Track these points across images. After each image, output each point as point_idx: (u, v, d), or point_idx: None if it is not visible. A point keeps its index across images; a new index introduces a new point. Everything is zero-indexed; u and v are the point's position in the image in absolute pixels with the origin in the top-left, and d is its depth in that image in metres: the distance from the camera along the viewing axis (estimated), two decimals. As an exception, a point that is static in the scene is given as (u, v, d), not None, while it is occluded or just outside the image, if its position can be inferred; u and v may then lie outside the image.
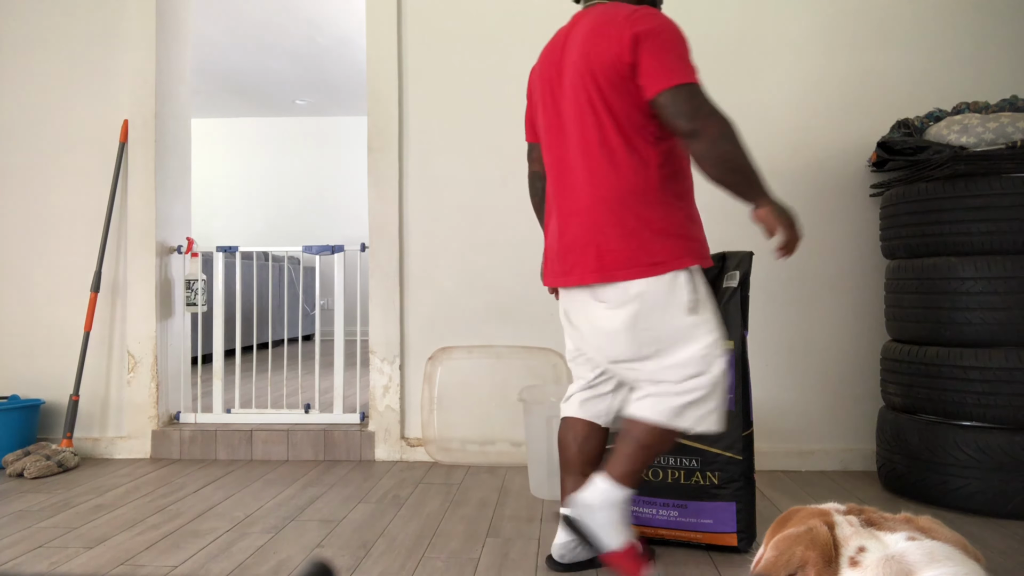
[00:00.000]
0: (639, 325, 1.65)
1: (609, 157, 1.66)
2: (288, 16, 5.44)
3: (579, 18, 1.75)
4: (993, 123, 2.28)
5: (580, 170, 1.70)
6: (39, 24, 3.09)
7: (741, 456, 1.94)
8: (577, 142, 1.70)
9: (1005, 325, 2.21)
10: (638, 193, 1.64)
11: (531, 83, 1.91)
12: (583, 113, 1.68)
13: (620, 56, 1.62)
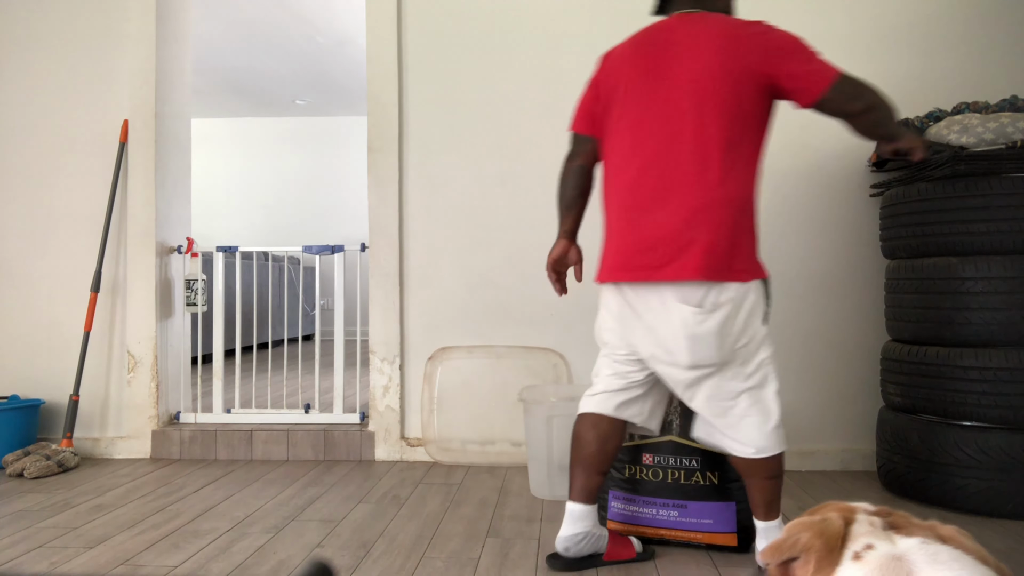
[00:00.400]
0: (726, 330, 1.69)
1: (733, 162, 1.69)
2: (288, 16, 5.44)
3: (678, 27, 1.77)
4: (993, 123, 2.28)
5: (694, 169, 1.69)
6: (39, 24, 3.09)
7: None
8: (699, 144, 1.70)
9: (1005, 325, 2.21)
10: (747, 200, 1.71)
11: (609, 75, 1.85)
12: (711, 117, 1.69)
13: (762, 69, 1.69)
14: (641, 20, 2.90)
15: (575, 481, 1.85)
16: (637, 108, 1.78)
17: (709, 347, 1.69)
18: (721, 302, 1.69)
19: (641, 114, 1.76)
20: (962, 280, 2.26)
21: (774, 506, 1.79)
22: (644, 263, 1.72)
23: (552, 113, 2.93)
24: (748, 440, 1.74)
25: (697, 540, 1.95)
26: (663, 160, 1.73)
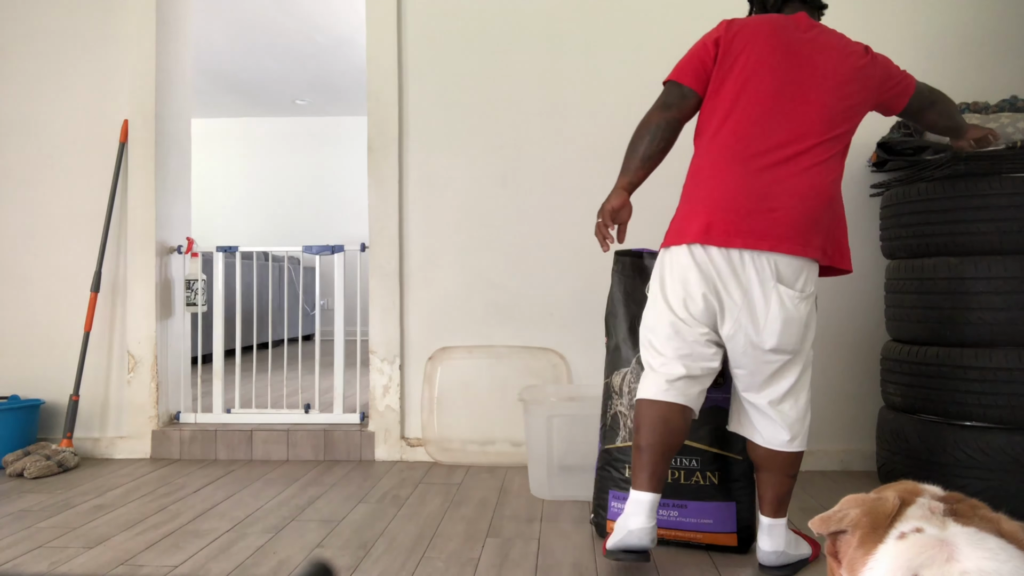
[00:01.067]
0: (812, 316, 1.75)
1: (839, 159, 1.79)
2: (288, 16, 5.44)
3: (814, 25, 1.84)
4: (993, 123, 2.28)
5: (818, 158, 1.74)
6: (39, 24, 3.09)
7: (741, 456, 1.94)
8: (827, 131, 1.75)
9: (1005, 325, 2.21)
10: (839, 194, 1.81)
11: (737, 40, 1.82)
12: (840, 116, 1.76)
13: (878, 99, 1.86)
14: (642, 20, 2.90)
15: (652, 468, 1.73)
16: (772, 82, 1.76)
17: (799, 332, 1.72)
18: (813, 290, 1.75)
19: (777, 90, 1.75)
20: (962, 280, 2.26)
21: (785, 504, 1.81)
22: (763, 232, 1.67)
23: (552, 113, 2.93)
24: (789, 429, 1.76)
25: (697, 540, 1.95)
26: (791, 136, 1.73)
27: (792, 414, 1.77)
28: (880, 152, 2.57)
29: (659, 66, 2.89)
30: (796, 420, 1.77)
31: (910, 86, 1.89)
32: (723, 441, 1.94)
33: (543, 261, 2.93)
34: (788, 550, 1.81)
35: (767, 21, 1.82)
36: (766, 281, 1.68)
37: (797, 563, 1.83)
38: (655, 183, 2.81)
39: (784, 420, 1.76)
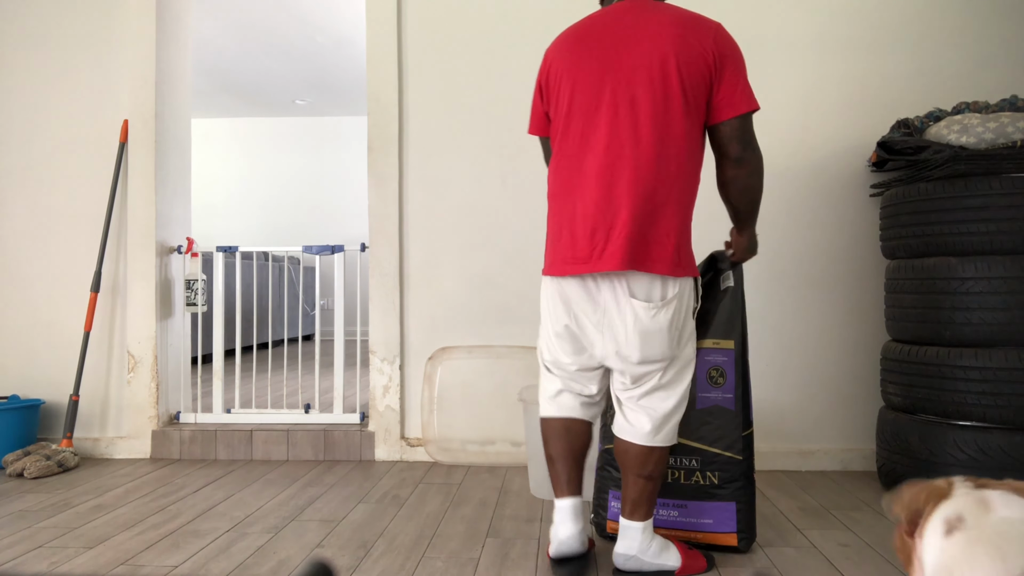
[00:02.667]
0: (674, 325, 1.72)
1: (676, 153, 1.67)
2: (288, 16, 5.44)
3: (627, 11, 1.72)
4: (993, 123, 2.29)
5: (648, 160, 1.66)
6: (39, 24, 3.09)
7: (741, 456, 1.93)
8: (647, 133, 1.66)
9: (1005, 325, 2.21)
10: (690, 192, 1.73)
11: (550, 70, 1.79)
12: (659, 105, 1.66)
13: (709, 71, 1.68)
14: (641, 20, 2.90)
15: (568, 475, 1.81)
16: (585, 97, 1.71)
17: (662, 342, 1.70)
18: (671, 297, 1.70)
19: (591, 105, 1.70)
20: (962, 280, 2.26)
21: (641, 507, 1.75)
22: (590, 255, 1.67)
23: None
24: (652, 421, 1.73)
25: (697, 540, 1.95)
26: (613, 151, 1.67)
27: (660, 408, 1.74)
28: (880, 152, 2.57)
29: (659, 66, 2.89)
30: (662, 415, 1.74)
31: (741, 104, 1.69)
32: (722, 441, 1.94)
33: (543, 261, 2.93)
34: (642, 556, 1.75)
35: (572, 35, 1.77)
36: (620, 298, 1.69)
37: (654, 572, 1.78)
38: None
39: (649, 413, 1.74)
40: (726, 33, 1.72)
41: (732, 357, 1.94)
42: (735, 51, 1.72)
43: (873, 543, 2.01)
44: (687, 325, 1.77)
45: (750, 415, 1.97)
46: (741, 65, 1.72)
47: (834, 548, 1.98)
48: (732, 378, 1.93)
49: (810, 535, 2.08)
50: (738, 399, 1.93)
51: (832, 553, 1.94)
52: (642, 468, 1.75)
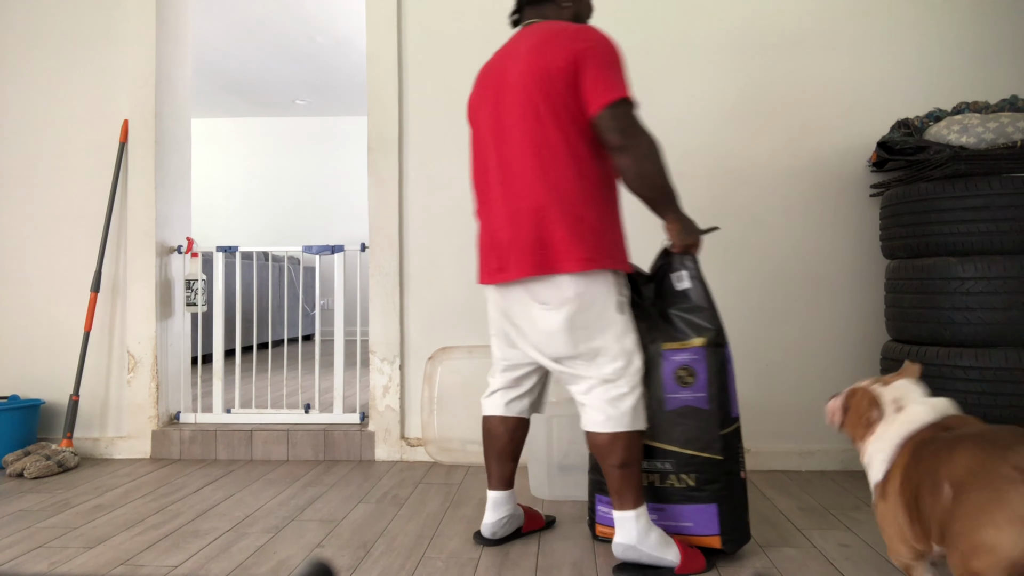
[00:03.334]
0: (576, 323, 1.76)
1: (553, 159, 1.76)
2: (288, 16, 5.44)
3: (519, 37, 1.86)
4: (993, 123, 2.29)
5: (526, 171, 1.78)
6: (39, 24, 3.09)
7: (721, 456, 1.85)
8: (523, 146, 1.78)
9: (1005, 325, 2.21)
10: (579, 194, 1.75)
11: (470, 109, 1.97)
12: (530, 119, 1.77)
13: (567, 69, 1.73)
14: (642, 20, 2.90)
15: (492, 472, 2.03)
16: (487, 124, 1.88)
17: (562, 341, 1.78)
18: (566, 298, 1.75)
19: (489, 129, 1.86)
20: (962, 280, 2.26)
21: (623, 496, 1.79)
22: (496, 266, 1.83)
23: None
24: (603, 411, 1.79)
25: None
26: (502, 168, 1.82)
27: (608, 395, 1.79)
28: (880, 152, 2.57)
29: (658, 66, 2.89)
30: (610, 400, 1.78)
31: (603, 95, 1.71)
32: (697, 442, 1.85)
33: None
34: (640, 546, 1.77)
35: (480, 75, 1.95)
36: (525, 302, 1.82)
37: (652, 565, 1.79)
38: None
39: (598, 404, 1.80)
40: (587, 34, 1.75)
41: (703, 355, 1.86)
42: (594, 47, 1.73)
43: (873, 543, 2.01)
44: (604, 319, 1.77)
45: (731, 412, 1.88)
46: (604, 59, 1.72)
47: (834, 548, 1.98)
48: (704, 376, 1.85)
49: (810, 535, 2.08)
50: (713, 397, 1.85)
51: (832, 553, 1.94)
52: (610, 456, 1.79)
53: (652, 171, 1.72)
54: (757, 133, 2.86)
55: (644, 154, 1.71)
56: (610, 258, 1.76)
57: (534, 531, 2.12)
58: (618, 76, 1.73)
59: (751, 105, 2.87)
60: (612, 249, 1.78)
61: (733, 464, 1.87)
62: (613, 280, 1.79)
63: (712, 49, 2.88)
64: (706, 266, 2.87)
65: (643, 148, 1.71)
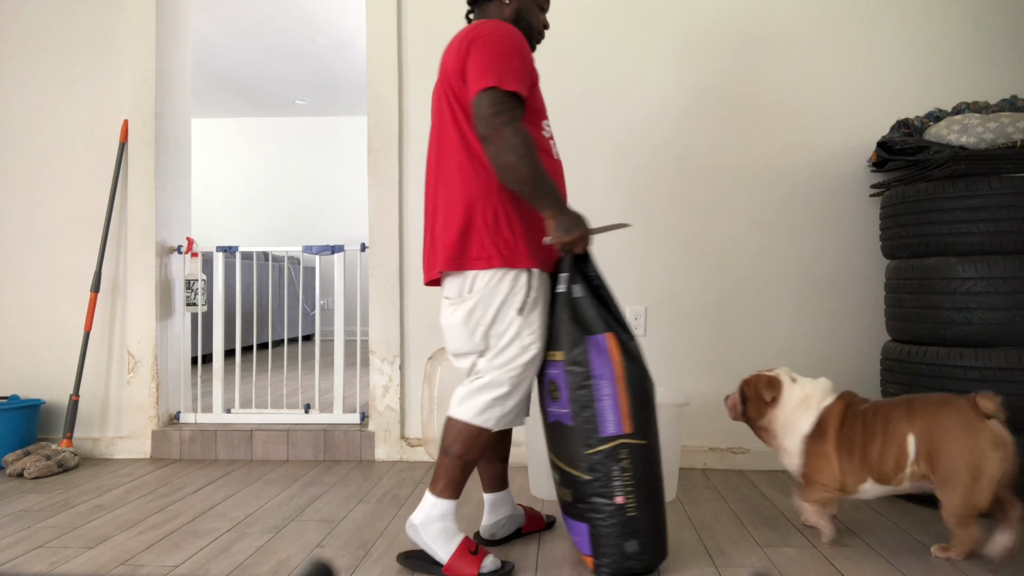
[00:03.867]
0: (474, 317, 1.77)
1: (457, 160, 1.78)
2: (288, 16, 5.44)
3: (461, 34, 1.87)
4: (993, 123, 2.29)
5: (436, 172, 1.82)
6: (39, 24, 3.09)
7: (587, 476, 1.72)
8: (438, 146, 1.82)
9: (1005, 325, 2.21)
10: (482, 194, 1.75)
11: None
12: (443, 119, 1.81)
13: (459, 62, 1.75)
14: (640, 20, 2.90)
15: (483, 475, 2.03)
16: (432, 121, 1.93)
17: (459, 336, 1.80)
18: (467, 294, 1.78)
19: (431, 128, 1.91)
20: (962, 280, 2.26)
21: (437, 480, 1.80)
22: (424, 266, 1.89)
23: (551, 113, 2.93)
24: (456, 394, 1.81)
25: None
26: (429, 169, 1.87)
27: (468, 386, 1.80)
28: (880, 152, 2.57)
29: (658, 66, 2.89)
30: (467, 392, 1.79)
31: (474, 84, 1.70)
32: (568, 459, 1.76)
33: (543, 261, 2.93)
34: (422, 530, 1.77)
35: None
36: (442, 299, 1.88)
37: (426, 555, 1.79)
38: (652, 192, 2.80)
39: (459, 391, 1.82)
40: (482, 27, 1.75)
41: (561, 369, 1.76)
42: (482, 37, 1.72)
43: (873, 543, 2.01)
44: (501, 318, 1.76)
45: (600, 431, 1.71)
46: (488, 47, 1.70)
47: (834, 548, 1.98)
48: (565, 392, 1.75)
49: (810, 535, 2.08)
50: (576, 414, 1.73)
51: (832, 553, 1.94)
52: (444, 438, 1.81)
53: (514, 165, 1.65)
54: (757, 133, 2.86)
55: (504, 146, 1.65)
56: (514, 258, 1.74)
57: (535, 531, 2.11)
58: (496, 64, 1.68)
59: (751, 105, 2.87)
60: (519, 250, 1.75)
61: (603, 487, 1.71)
62: (512, 279, 1.75)
63: (712, 49, 2.88)
64: (706, 266, 2.87)
65: (503, 140, 1.65)
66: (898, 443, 1.86)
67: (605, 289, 1.82)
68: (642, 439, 1.73)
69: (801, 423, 1.98)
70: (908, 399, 1.92)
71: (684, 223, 2.88)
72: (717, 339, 2.87)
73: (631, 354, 1.76)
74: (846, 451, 1.91)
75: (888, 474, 1.88)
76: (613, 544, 1.72)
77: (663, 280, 2.89)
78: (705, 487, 2.59)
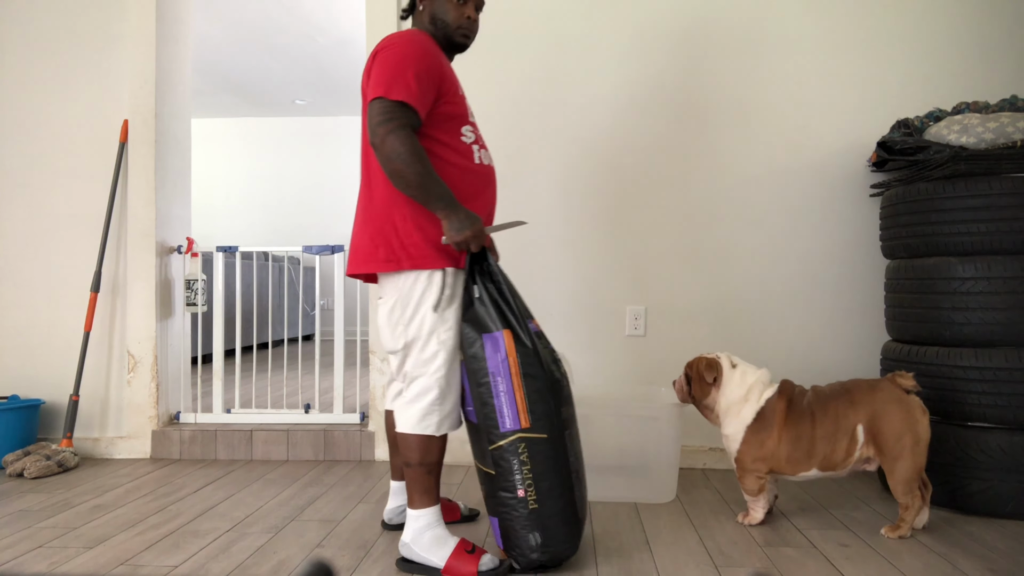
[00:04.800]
0: (393, 317, 1.85)
1: (374, 167, 1.86)
2: (288, 16, 5.44)
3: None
4: (993, 123, 2.28)
5: (365, 172, 1.90)
6: (39, 24, 3.09)
7: (492, 471, 1.79)
8: (365, 150, 1.91)
9: (1005, 325, 2.21)
10: (394, 198, 1.82)
11: None
12: (363, 129, 1.89)
13: (366, 73, 1.84)
14: (640, 20, 2.90)
15: (392, 463, 2.16)
16: None
17: (384, 333, 1.88)
18: (389, 291, 1.85)
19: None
20: (962, 280, 2.26)
21: (411, 494, 1.84)
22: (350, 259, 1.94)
23: (552, 113, 2.93)
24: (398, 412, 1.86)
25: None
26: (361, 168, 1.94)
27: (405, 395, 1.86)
28: (880, 152, 2.57)
29: (658, 66, 2.89)
30: (403, 403, 1.85)
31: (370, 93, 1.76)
32: (476, 455, 1.85)
33: (543, 261, 2.93)
34: (413, 545, 1.81)
35: None
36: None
37: (420, 564, 1.80)
38: (653, 188, 2.80)
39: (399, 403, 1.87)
40: (388, 40, 1.81)
41: (463, 369, 1.84)
42: (384, 49, 1.79)
43: (873, 543, 2.01)
44: (418, 318, 1.82)
45: (499, 427, 1.77)
46: (386, 59, 1.77)
47: (834, 548, 1.98)
48: (468, 390, 1.83)
49: (810, 535, 2.08)
50: (478, 411, 1.80)
51: (832, 553, 1.94)
52: (403, 453, 1.85)
53: (402, 170, 1.71)
54: (757, 133, 2.86)
55: (392, 153, 1.71)
56: (431, 258, 1.80)
57: (449, 522, 2.16)
58: (388, 75, 1.74)
59: (751, 105, 2.87)
60: (435, 249, 1.81)
61: (505, 481, 1.77)
62: (427, 278, 1.81)
63: (712, 53, 2.88)
64: (706, 266, 2.87)
65: (389, 147, 1.71)
66: (849, 434, 2.07)
67: (507, 286, 1.85)
68: (541, 433, 1.77)
69: (744, 412, 2.15)
70: (844, 387, 2.14)
71: (684, 223, 2.88)
72: (717, 339, 2.87)
73: (530, 350, 1.79)
74: (792, 444, 2.10)
75: (836, 462, 2.09)
76: (519, 536, 1.78)
77: (663, 280, 2.89)
78: (705, 487, 2.59)
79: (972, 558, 1.89)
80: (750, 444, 2.13)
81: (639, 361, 2.89)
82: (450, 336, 1.84)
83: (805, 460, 2.10)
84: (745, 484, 2.16)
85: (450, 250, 1.83)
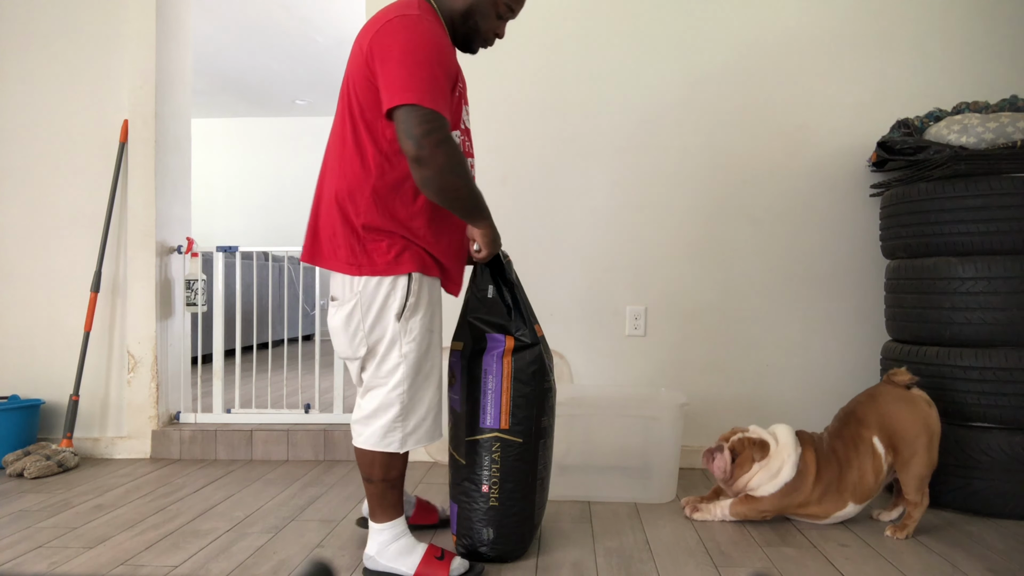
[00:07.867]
0: (352, 323, 1.71)
1: (346, 155, 1.70)
2: (288, 16, 5.44)
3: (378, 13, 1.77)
4: (993, 123, 2.28)
5: (332, 164, 1.73)
6: (39, 24, 3.09)
7: (464, 460, 1.84)
8: (333, 136, 1.75)
9: (1005, 325, 2.21)
10: (365, 194, 1.67)
11: None
12: (342, 110, 1.73)
13: (367, 69, 1.64)
14: (641, 19, 2.90)
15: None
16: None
17: (341, 339, 1.74)
18: (348, 295, 1.71)
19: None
20: (962, 280, 2.26)
21: (373, 510, 1.79)
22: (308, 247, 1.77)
23: (552, 113, 2.93)
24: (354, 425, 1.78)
25: None
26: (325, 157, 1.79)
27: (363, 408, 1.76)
28: (880, 152, 2.57)
29: (659, 67, 2.89)
30: (362, 417, 1.76)
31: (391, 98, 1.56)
32: (453, 440, 1.90)
33: (543, 261, 2.93)
34: (378, 558, 1.76)
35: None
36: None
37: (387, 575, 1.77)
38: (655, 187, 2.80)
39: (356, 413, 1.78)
40: (392, 25, 1.60)
41: (458, 359, 1.87)
42: (391, 42, 1.59)
43: (873, 543, 2.01)
44: (381, 325, 1.70)
45: (480, 422, 1.82)
46: (396, 56, 1.57)
47: (834, 548, 1.98)
48: (459, 380, 1.86)
49: (810, 535, 2.08)
50: (463, 401, 1.84)
51: (832, 553, 1.94)
52: (361, 469, 1.79)
53: (455, 186, 1.60)
54: (757, 133, 2.86)
55: (444, 169, 1.57)
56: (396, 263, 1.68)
57: (426, 525, 2.12)
58: (420, 77, 1.55)
59: (751, 105, 2.87)
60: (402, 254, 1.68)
61: (472, 473, 1.83)
62: (391, 282, 1.69)
63: (711, 54, 2.88)
64: (706, 266, 2.87)
65: (442, 163, 1.56)
66: (870, 452, 2.09)
67: (520, 293, 1.89)
68: (517, 437, 1.82)
69: (783, 472, 2.12)
70: (846, 412, 2.18)
71: (684, 223, 2.88)
72: (717, 339, 2.87)
73: (527, 358, 1.82)
74: (825, 491, 2.11)
75: (869, 485, 2.10)
76: (474, 528, 1.84)
77: (663, 280, 2.89)
78: (705, 487, 2.59)
79: (972, 558, 1.89)
80: (782, 494, 2.12)
81: (639, 361, 2.89)
82: (412, 348, 1.71)
83: (836, 501, 2.10)
84: (744, 511, 2.16)
85: (416, 255, 1.70)
